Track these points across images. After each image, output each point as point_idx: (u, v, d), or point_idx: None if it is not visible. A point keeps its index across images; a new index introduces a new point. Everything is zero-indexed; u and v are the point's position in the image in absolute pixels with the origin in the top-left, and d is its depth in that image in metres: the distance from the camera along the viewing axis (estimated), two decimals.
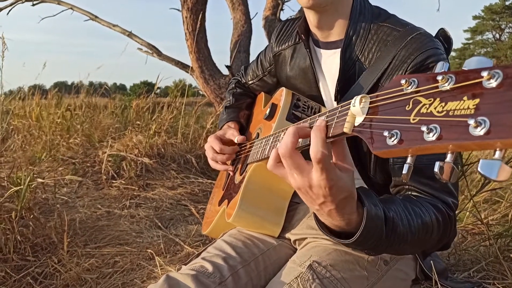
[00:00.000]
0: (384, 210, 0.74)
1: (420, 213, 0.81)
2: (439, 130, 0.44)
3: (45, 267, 1.67)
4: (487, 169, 0.40)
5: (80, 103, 4.45)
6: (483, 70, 0.41)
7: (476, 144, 0.40)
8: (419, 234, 0.79)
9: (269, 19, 3.91)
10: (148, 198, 2.50)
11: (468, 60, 0.45)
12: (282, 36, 1.22)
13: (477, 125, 0.39)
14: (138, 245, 1.85)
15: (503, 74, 0.40)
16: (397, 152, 0.49)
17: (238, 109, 1.41)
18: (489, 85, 0.40)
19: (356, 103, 0.57)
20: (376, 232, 0.72)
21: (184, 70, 3.81)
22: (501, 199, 2.15)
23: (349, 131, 0.58)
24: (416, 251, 0.89)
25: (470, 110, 0.41)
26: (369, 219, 0.69)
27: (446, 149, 0.44)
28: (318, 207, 0.68)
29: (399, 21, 0.98)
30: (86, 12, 4.03)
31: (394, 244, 0.76)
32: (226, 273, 0.98)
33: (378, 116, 0.53)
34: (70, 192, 2.57)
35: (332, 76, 1.05)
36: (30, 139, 3.57)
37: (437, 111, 0.45)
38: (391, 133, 0.49)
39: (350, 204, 0.68)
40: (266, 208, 1.09)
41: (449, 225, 0.85)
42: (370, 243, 0.73)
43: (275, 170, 0.71)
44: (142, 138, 3.01)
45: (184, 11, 3.40)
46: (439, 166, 0.46)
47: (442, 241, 0.86)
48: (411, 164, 0.50)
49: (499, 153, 0.40)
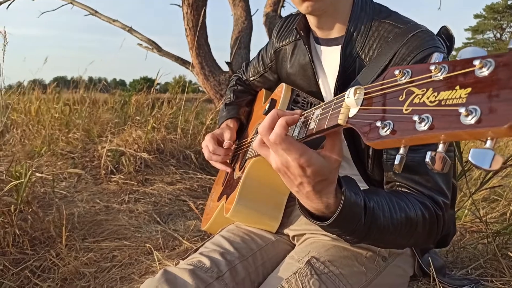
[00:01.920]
0: (364, 199, 0.74)
1: (405, 207, 0.80)
2: (431, 120, 0.43)
3: (43, 261, 1.67)
4: (478, 158, 0.39)
5: (80, 97, 4.44)
6: (475, 59, 0.41)
7: (467, 133, 0.40)
8: (401, 228, 0.79)
9: (270, 16, 3.90)
10: (147, 193, 2.50)
11: (463, 50, 0.44)
12: (283, 32, 1.22)
13: (468, 114, 0.39)
14: (137, 240, 1.85)
15: (495, 62, 0.39)
16: (390, 143, 0.48)
17: (238, 106, 1.40)
18: (481, 74, 0.40)
19: (350, 94, 0.56)
20: (354, 219, 0.73)
21: (184, 66, 3.79)
22: (500, 198, 2.15)
23: (343, 123, 0.58)
24: (401, 244, 0.88)
25: (461, 99, 0.41)
26: (346, 204, 0.70)
27: (438, 138, 0.44)
28: (297, 188, 0.70)
29: (400, 18, 0.98)
30: (86, 6, 4.02)
31: (374, 233, 0.76)
32: (223, 268, 0.98)
33: (372, 107, 0.53)
34: (69, 187, 2.57)
35: (333, 72, 1.05)
36: (29, 134, 3.57)
37: (429, 101, 0.45)
38: (383, 124, 0.49)
39: (327, 188, 0.69)
40: (264, 203, 1.09)
41: (437, 223, 0.84)
42: (347, 228, 0.74)
43: (260, 150, 0.73)
44: (142, 133, 3.01)
45: (184, 7, 3.39)
46: (431, 156, 0.46)
47: (430, 238, 0.85)
48: (403, 155, 0.50)
49: (490, 142, 0.39)
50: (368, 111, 0.54)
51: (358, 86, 0.57)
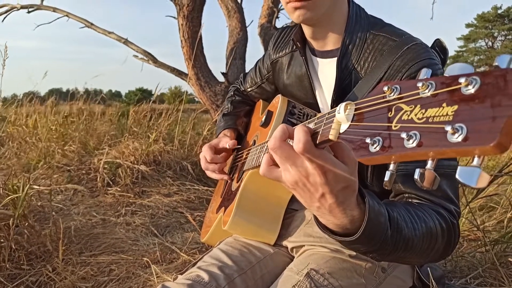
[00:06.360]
0: (387, 209, 0.71)
1: (424, 217, 0.78)
2: (418, 137, 0.43)
3: (40, 276, 1.65)
4: (465, 176, 0.40)
5: (77, 110, 4.44)
6: (461, 77, 0.41)
7: (453, 151, 0.40)
8: (424, 239, 0.76)
9: (265, 27, 3.93)
10: (144, 205, 2.48)
11: (450, 66, 0.45)
12: (279, 44, 1.23)
13: (454, 132, 0.39)
14: (134, 253, 1.84)
15: (480, 80, 0.39)
16: (379, 159, 0.48)
17: (236, 117, 1.41)
18: (467, 91, 0.40)
19: (341, 110, 0.56)
20: (381, 230, 0.69)
21: (180, 77, 3.80)
22: (497, 205, 2.16)
23: (334, 138, 0.58)
24: (421, 259, 0.83)
25: (448, 117, 0.41)
26: (372, 214, 0.67)
27: (426, 156, 0.44)
28: (318, 203, 0.65)
29: (395, 30, 0.99)
30: (81, 19, 4.03)
31: (400, 245, 0.73)
32: (222, 282, 0.97)
33: (362, 123, 0.53)
34: (65, 200, 2.55)
35: (329, 84, 1.06)
36: (25, 147, 3.55)
37: (417, 117, 0.45)
38: (373, 140, 0.49)
39: (350, 198, 0.65)
40: (262, 215, 1.09)
41: (453, 232, 0.82)
42: (375, 242, 0.70)
43: (268, 173, 0.68)
44: (138, 145, 3.00)
45: (180, 19, 3.41)
46: (419, 173, 0.46)
47: (447, 250, 0.83)
48: (393, 172, 0.50)
49: (477, 160, 0.39)
50: (358, 127, 0.54)
51: (349, 101, 0.57)
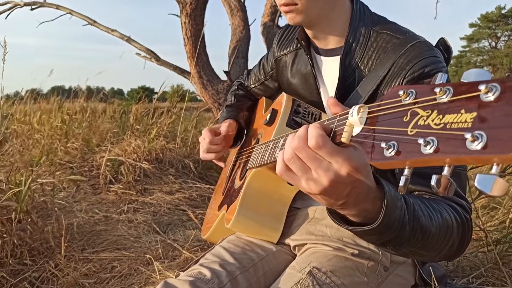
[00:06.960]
0: (403, 196, 0.70)
1: (439, 209, 0.77)
2: (436, 143, 0.43)
3: (42, 272, 1.66)
4: (483, 184, 0.40)
5: (79, 107, 4.45)
6: (481, 83, 0.41)
7: (473, 158, 0.40)
8: (440, 230, 0.74)
9: (267, 25, 3.92)
10: (146, 203, 2.49)
11: (466, 72, 0.44)
12: (283, 41, 1.23)
13: (474, 139, 0.39)
14: (136, 250, 1.84)
15: (501, 88, 0.39)
16: (394, 164, 0.48)
17: (239, 109, 1.41)
18: (487, 98, 0.40)
19: (354, 113, 0.56)
20: (399, 215, 0.67)
21: (182, 75, 3.80)
22: (499, 205, 2.15)
23: (347, 141, 0.57)
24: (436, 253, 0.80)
25: (467, 124, 0.41)
26: (390, 196, 0.65)
27: (443, 162, 0.43)
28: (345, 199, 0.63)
29: (399, 28, 0.99)
30: (84, 16, 4.04)
31: (416, 236, 0.71)
32: (224, 279, 0.97)
33: (376, 127, 0.53)
34: (67, 197, 2.56)
35: (332, 83, 1.06)
36: (28, 143, 3.56)
37: (434, 123, 0.44)
38: (388, 145, 0.48)
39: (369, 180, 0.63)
40: (265, 213, 1.09)
41: (467, 226, 0.80)
42: (393, 229, 0.68)
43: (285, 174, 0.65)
44: (141, 142, 3.01)
45: (182, 17, 3.41)
46: (436, 179, 0.45)
47: (461, 245, 0.81)
48: (408, 177, 0.49)
49: (495, 168, 0.39)
50: (371, 131, 0.53)
51: (362, 104, 0.56)
